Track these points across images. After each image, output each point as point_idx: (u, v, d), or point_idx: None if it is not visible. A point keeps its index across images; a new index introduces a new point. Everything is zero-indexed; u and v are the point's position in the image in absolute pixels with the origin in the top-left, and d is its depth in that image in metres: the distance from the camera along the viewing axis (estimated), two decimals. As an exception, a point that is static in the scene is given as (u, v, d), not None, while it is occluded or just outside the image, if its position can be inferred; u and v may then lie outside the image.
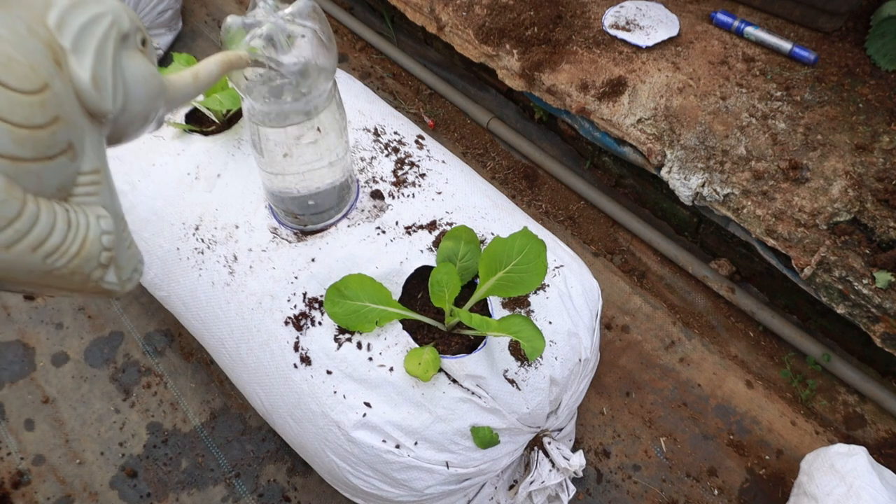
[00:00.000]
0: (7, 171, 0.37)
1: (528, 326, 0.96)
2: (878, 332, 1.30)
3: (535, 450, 1.18)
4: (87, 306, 1.60)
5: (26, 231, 0.37)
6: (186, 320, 1.27)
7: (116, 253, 0.47)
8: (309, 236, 1.15)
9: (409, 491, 1.04)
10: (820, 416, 1.48)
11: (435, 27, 1.87)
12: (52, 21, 0.40)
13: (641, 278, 1.70)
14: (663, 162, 1.51)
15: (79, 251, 0.42)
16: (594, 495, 1.38)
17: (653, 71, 1.56)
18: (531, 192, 1.87)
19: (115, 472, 1.39)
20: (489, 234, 1.19)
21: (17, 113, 0.37)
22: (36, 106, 0.38)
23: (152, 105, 0.53)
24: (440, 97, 2.10)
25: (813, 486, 1.17)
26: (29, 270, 0.39)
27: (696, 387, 1.52)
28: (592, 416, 1.47)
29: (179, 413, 1.46)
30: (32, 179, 0.39)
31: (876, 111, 1.43)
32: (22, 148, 0.37)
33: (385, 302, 1.02)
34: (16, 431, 1.44)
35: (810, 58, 1.51)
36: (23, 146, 0.37)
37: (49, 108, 0.39)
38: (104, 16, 0.44)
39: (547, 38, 1.66)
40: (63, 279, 0.42)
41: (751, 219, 1.40)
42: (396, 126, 1.36)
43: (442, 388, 1.02)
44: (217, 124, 1.33)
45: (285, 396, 1.08)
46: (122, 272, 0.48)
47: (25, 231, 0.37)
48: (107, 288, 0.47)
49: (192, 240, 1.20)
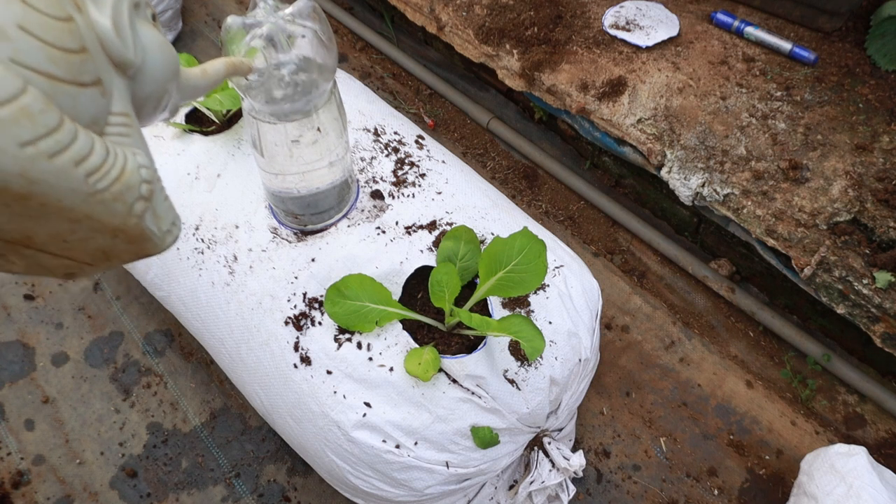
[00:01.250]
0: (44, 88, 0.38)
1: (528, 326, 0.96)
2: (878, 332, 1.30)
3: (535, 450, 1.18)
4: (87, 306, 1.60)
5: (67, 144, 0.38)
6: (186, 320, 1.27)
7: (154, 198, 0.46)
8: (309, 236, 1.15)
9: (409, 491, 1.04)
10: (820, 416, 1.48)
11: (435, 27, 1.87)
12: None
13: (641, 278, 1.70)
14: (663, 162, 1.51)
15: (119, 175, 0.42)
16: (594, 495, 1.38)
17: (653, 71, 1.56)
18: (531, 192, 1.87)
19: (115, 472, 1.39)
20: (489, 234, 1.19)
21: (49, 33, 0.38)
22: (65, 31, 0.39)
23: (169, 76, 0.53)
24: (440, 97, 2.10)
25: (813, 486, 1.17)
26: (73, 189, 0.38)
27: (696, 387, 1.52)
28: (592, 416, 1.47)
29: (179, 413, 1.46)
30: (68, 102, 0.40)
31: (876, 111, 1.43)
32: (56, 67, 0.38)
33: (385, 302, 1.02)
34: (16, 431, 1.44)
35: (810, 58, 1.51)
36: (57, 65, 0.39)
37: (76, 37, 0.40)
38: None
39: (547, 38, 1.66)
40: (106, 208, 0.41)
41: (751, 219, 1.40)
42: (396, 126, 1.36)
43: (442, 388, 1.02)
44: (217, 124, 1.33)
45: (285, 396, 1.08)
46: (160, 222, 0.48)
47: (67, 143, 0.38)
48: (149, 229, 0.46)
49: (192, 240, 1.20)
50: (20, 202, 0.36)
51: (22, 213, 0.37)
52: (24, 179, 0.35)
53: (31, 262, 0.43)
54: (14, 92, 0.34)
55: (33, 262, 0.43)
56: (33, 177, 0.36)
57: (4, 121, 0.34)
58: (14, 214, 0.37)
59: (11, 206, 0.36)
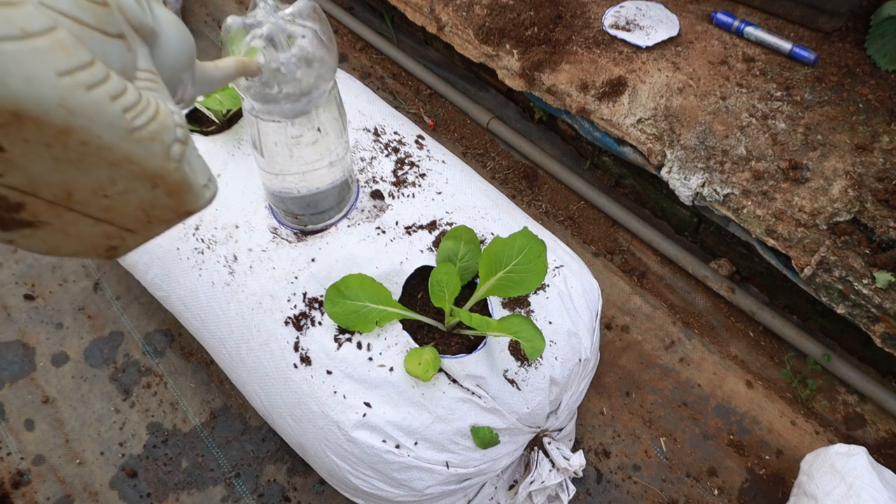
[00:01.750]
0: (73, 31, 0.39)
1: (528, 326, 0.96)
2: (878, 332, 1.30)
3: (535, 450, 1.18)
4: (87, 306, 1.60)
5: (102, 79, 0.38)
6: (186, 320, 1.27)
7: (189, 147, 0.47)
8: (309, 236, 1.15)
9: (409, 491, 1.04)
10: (820, 416, 1.48)
11: (435, 27, 1.87)
12: None
13: (641, 278, 1.70)
14: (663, 162, 1.51)
15: (155, 115, 0.42)
16: (594, 495, 1.38)
17: (653, 71, 1.56)
18: (531, 192, 1.87)
19: (115, 472, 1.39)
20: (489, 234, 1.19)
21: None
22: None
23: (185, 58, 0.55)
24: (440, 97, 2.10)
25: (813, 486, 1.17)
26: (111, 124, 0.39)
27: (696, 387, 1.52)
28: (592, 416, 1.47)
29: (179, 413, 1.46)
30: (97, 47, 0.41)
31: (876, 111, 1.43)
32: (83, 12, 0.40)
33: (385, 302, 1.02)
34: (16, 431, 1.44)
35: (810, 58, 1.51)
36: (83, 11, 0.40)
37: None
38: None
39: (547, 38, 1.66)
40: (145, 148, 0.41)
41: (751, 219, 1.40)
42: (396, 126, 1.36)
43: (442, 388, 1.02)
44: (217, 124, 1.33)
45: (285, 396, 1.08)
46: (197, 175, 0.48)
47: (101, 78, 0.38)
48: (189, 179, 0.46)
49: (192, 240, 1.20)
50: (61, 139, 0.37)
51: (63, 158, 0.38)
52: (64, 110, 0.36)
53: (72, 232, 0.42)
54: (47, 25, 0.35)
55: (74, 232, 0.42)
56: (72, 107, 0.36)
57: (42, 50, 0.35)
58: (55, 159, 0.38)
59: (53, 147, 0.37)
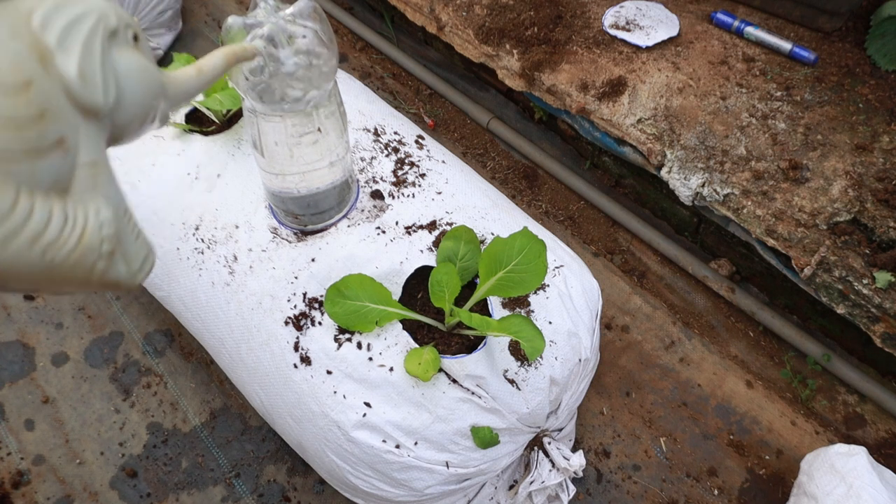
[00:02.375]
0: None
1: (528, 326, 0.96)
2: (878, 332, 1.30)
3: (535, 450, 1.18)
4: (87, 306, 1.60)
5: (22, 224, 0.37)
6: (186, 320, 1.27)
7: (122, 244, 0.47)
8: (309, 236, 1.15)
9: (409, 491, 1.04)
10: (820, 416, 1.48)
11: (435, 27, 1.87)
12: (37, 22, 0.41)
13: (641, 278, 1.70)
14: (663, 162, 1.51)
15: (77, 243, 0.42)
16: (594, 495, 1.38)
17: (653, 71, 1.56)
18: (531, 192, 1.87)
19: (115, 472, 1.39)
20: (489, 234, 1.19)
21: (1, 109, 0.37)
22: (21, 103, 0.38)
23: (150, 100, 0.52)
24: (440, 97, 2.10)
25: (813, 486, 1.17)
26: (30, 266, 0.39)
27: (696, 387, 1.52)
28: (592, 416, 1.47)
29: (179, 413, 1.46)
30: (25, 173, 0.39)
31: (876, 111, 1.43)
32: (10, 142, 0.38)
33: (385, 302, 1.02)
34: (16, 431, 1.44)
35: (810, 58, 1.51)
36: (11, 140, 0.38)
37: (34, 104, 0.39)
38: (89, 13, 0.45)
39: (547, 38, 1.66)
40: (66, 274, 0.42)
41: (751, 219, 1.40)
42: (396, 126, 1.36)
43: (442, 388, 1.02)
44: (217, 124, 1.33)
45: (285, 396, 1.08)
46: (131, 263, 0.49)
47: (21, 224, 0.37)
48: (115, 279, 0.47)
49: (192, 240, 1.20)
50: None
51: None
52: None
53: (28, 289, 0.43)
54: None
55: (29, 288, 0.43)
56: None
57: None
58: None
59: None
